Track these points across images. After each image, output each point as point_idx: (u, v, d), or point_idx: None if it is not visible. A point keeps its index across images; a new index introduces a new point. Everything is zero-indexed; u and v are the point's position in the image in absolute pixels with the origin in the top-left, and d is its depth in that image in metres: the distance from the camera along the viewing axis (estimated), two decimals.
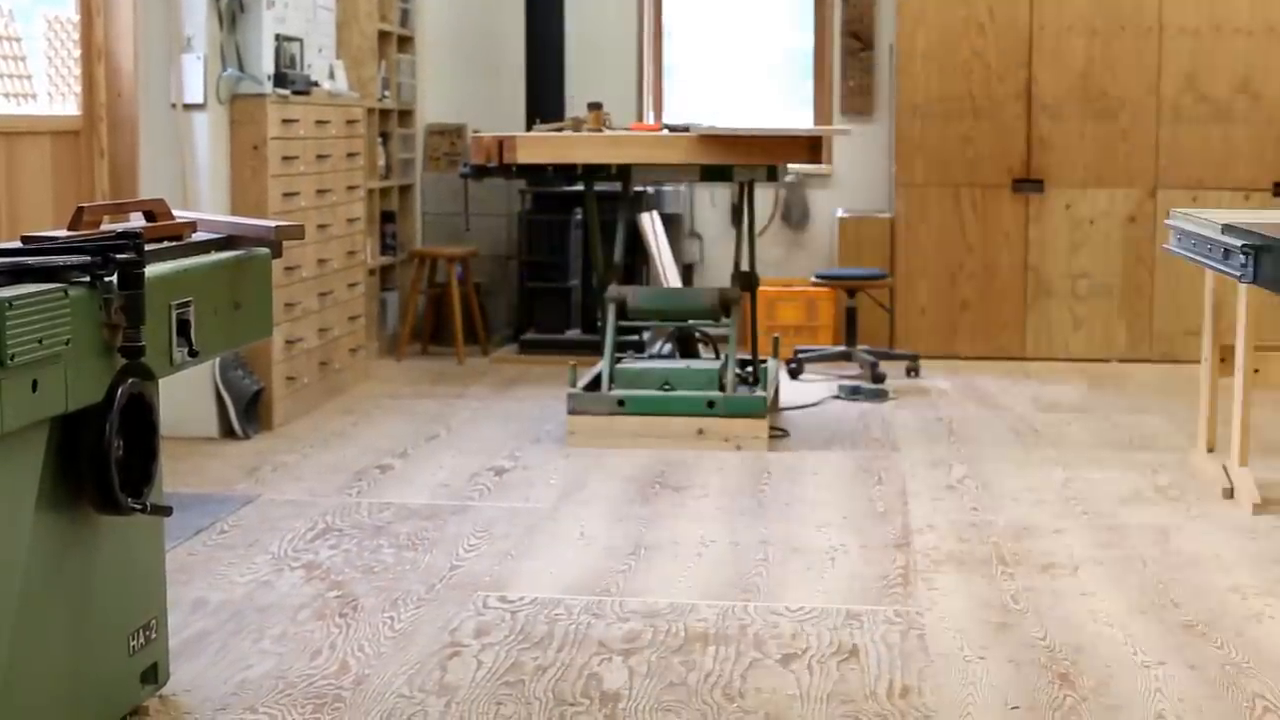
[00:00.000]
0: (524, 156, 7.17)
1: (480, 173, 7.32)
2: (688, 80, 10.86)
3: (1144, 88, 9.40)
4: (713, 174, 7.50)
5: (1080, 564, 5.22)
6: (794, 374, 8.98)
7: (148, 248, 3.54)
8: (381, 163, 9.58)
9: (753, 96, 10.80)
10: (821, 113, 10.51)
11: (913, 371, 9.05)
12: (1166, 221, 3.33)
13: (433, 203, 10.22)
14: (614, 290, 7.37)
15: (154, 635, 3.89)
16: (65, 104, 6.75)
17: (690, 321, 7.76)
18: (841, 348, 9.19)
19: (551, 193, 9.63)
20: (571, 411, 7.10)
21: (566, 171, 7.65)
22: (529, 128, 9.01)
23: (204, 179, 7.07)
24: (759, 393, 7.20)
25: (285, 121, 7.42)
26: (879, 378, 8.65)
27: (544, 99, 9.84)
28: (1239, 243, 2.64)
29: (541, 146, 7.29)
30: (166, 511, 3.75)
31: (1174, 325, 9.40)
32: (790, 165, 8.28)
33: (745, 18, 10.79)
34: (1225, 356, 6.25)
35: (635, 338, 8.96)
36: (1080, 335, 9.57)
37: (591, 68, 10.26)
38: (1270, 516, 5.79)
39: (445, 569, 5.17)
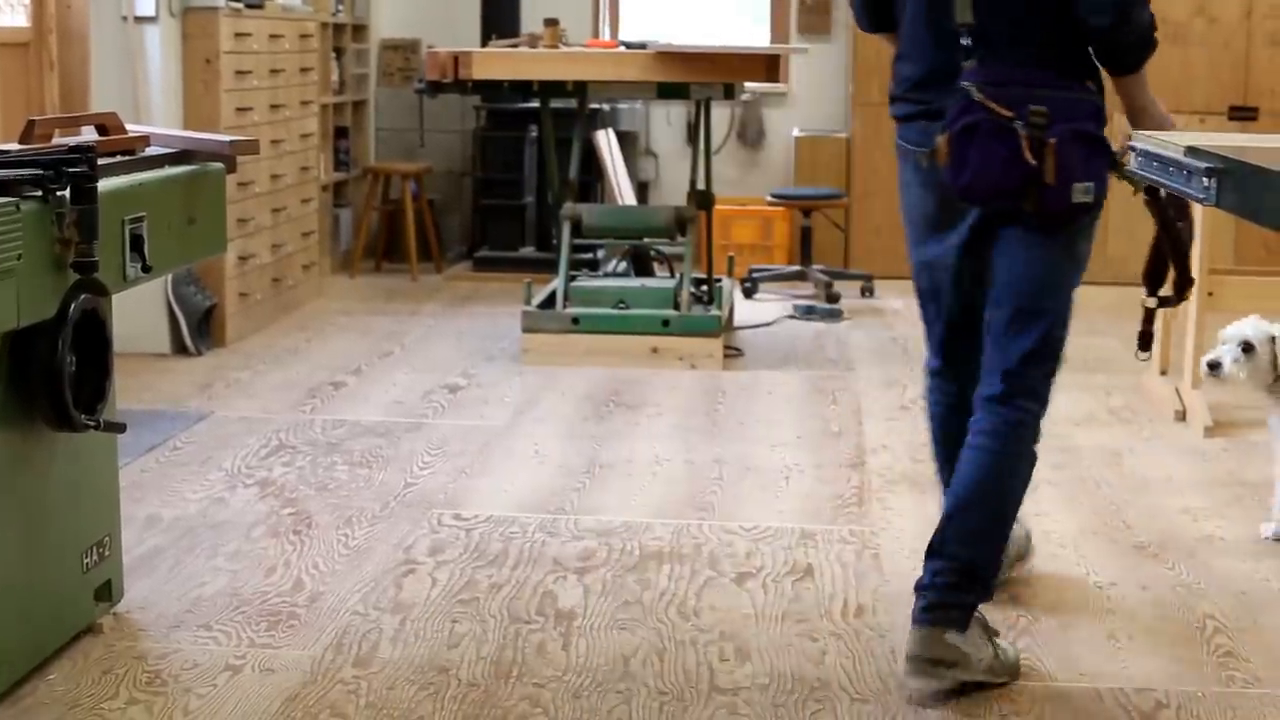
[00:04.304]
0: (480, 72, 7.11)
1: (435, 89, 7.27)
2: None
3: None
4: (669, 92, 7.46)
5: (1034, 485, 5.21)
6: (748, 293, 8.98)
7: (101, 162, 3.50)
8: (335, 78, 9.48)
9: (709, 14, 10.74)
10: (778, 31, 10.45)
11: (867, 291, 9.06)
12: (1129, 143, 3.31)
13: (387, 118, 10.14)
14: (569, 208, 7.34)
15: (107, 552, 3.88)
16: (14, 15, 6.65)
17: (645, 240, 7.74)
18: (796, 267, 9.19)
19: (506, 109, 9.56)
20: (526, 329, 7.08)
21: (522, 88, 7.62)
22: (484, 44, 8.94)
23: (156, 93, 6.99)
24: (713, 312, 7.19)
25: (238, 35, 7.34)
26: (834, 297, 8.65)
27: (500, 14, 9.76)
28: (1203, 165, 2.64)
29: (498, 62, 7.24)
30: (120, 428, 3.73)
31: (1128, 248, 9.40)
32: (747, 84, 8.25)
33: None
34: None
35: (590, 256, 8.94)
36: None
37: None
38: (1222, 439, 5.83)
39: (399, 486, 5.16)
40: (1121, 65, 3.65)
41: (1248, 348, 4.69)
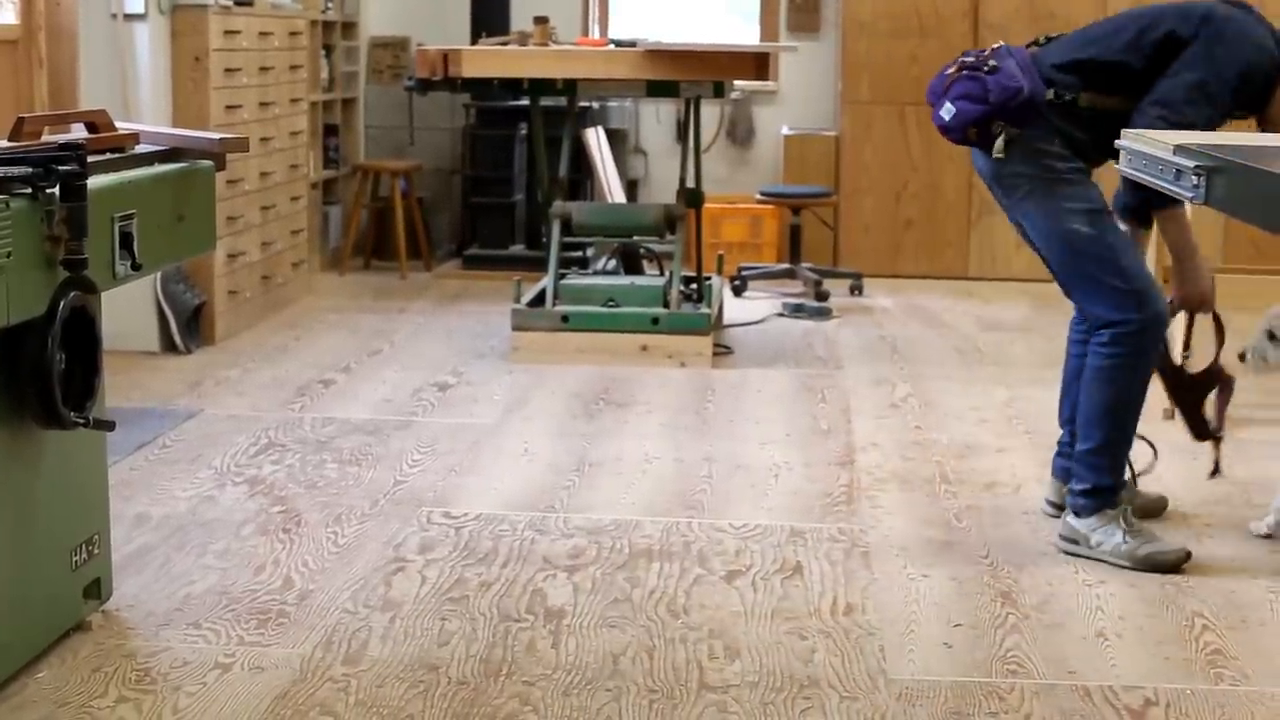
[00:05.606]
0: (470, 70, 7.12)
1: (425, 86, 7.27)
2: None
3: (1091, 8, 9.39)
4: (659, 90, 7.47)
5: (1023, 483, 5.25)
6: (738, 291, 8.98)
7: (90, 159, 3.49)
8: (324, 75, 9.48)
9: (699, 12, 10.75)
10: (768, 29, 10.46)
11: (856, 290, 9.06)
12: (1117, 143, 3.32)
13: (376, 116, 10.14)
14: (559, 206, 7.33)
15: (97, 550, 3.87)
16: (3, 13, 6.64)
17: (635, 238, 7.74)
18: (785, 265, 9.19)
19: (496, 107, 9.56)
20: (516, 327, 7.08)
21: (512, 86, 7.63)
22: (474, 41, 8.94)
23: (145, 90, 6.98)
24: (703, 309, 7.19)
25: (228, 33, 7.34)
26: (822, 296, 8.66)
27: (489, 12, 9.76)
28: (1191, 164, 2.64)
29: (488, 60, 7.24)
30: (109, 426, 3.73)
31: None
32: (736, 82, 8.26)
33: None
34: (1167, 278, 6.26)
35: (579, 254, 8.94)
36: (1023, 255, 9.54)
37: None
38: None
39: (389, 484, 5.16)
40: None
41: (1273, 335, 4.79)
